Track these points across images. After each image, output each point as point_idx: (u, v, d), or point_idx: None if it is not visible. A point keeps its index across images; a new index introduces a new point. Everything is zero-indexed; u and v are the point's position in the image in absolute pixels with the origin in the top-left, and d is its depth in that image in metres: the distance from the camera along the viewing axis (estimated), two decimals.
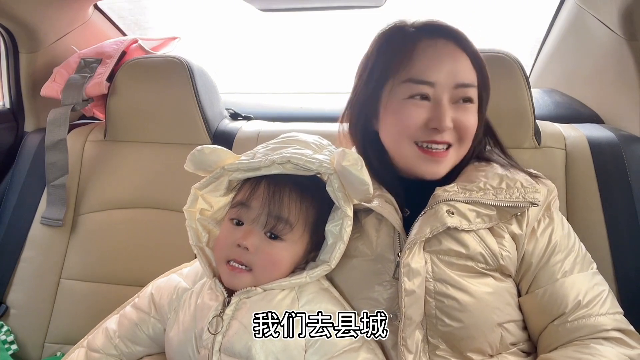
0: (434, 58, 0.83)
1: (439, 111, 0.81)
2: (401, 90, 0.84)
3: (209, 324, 0.76)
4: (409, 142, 0.83)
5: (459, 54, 0.83)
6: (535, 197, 0.80)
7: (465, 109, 0.83)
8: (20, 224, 1.34)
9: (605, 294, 0.81)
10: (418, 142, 0.83)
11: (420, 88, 0.82)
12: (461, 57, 0.83)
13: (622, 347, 0.76)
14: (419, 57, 0.83)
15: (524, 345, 0.82)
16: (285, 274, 0.80)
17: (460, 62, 0.83)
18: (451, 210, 0.79)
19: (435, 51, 0.83)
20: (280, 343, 0.74)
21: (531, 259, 0.81)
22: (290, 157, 0.76)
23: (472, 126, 0.84)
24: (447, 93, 0.82)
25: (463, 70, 0.83)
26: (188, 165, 0.82)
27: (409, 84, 0.83)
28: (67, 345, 1.23)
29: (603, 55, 1.33)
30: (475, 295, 0.77)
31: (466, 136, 0.84)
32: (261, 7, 1.41)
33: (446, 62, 0.82)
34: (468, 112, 0.84)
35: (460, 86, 0.82)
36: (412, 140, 0.83)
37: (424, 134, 0.82)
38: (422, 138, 0.82)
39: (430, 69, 0.82)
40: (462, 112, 0.83)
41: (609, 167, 1.12)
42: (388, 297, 0.79)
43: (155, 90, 1.35)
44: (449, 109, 0.81)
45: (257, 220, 0.78)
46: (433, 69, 0.82)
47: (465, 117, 0.83)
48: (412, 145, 0.83)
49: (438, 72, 0.82)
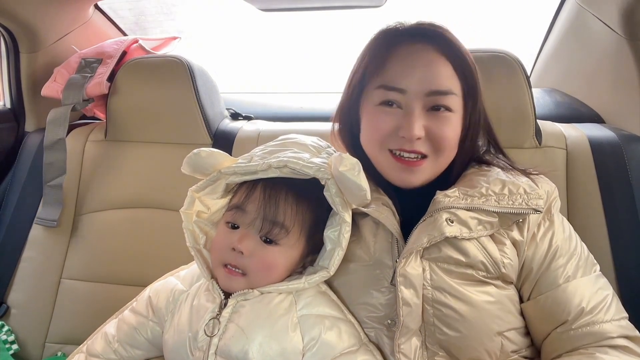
0: (408, 64, 0.80)
1: (407, 119, 0.79)
2: (374, 96, 0.83)
3: (205, 325, 0.76)
4: (382, 149, 0.82)
5: (436, 60, 0.80)
6: (539, 203, 0.78)
7: (439, 118, 0.80)
8: (21, 224, 1.34)
9: (609, 298, 0.79)
10: (391, 149, 0.81)
11: (390, 95, 0.81)
12: (439, 63, 0.80)
13: (628, 355, 0.74)
14: (393, 63, 0.81)
15: (526, 352, 0.81)
16: (280, 278, 0.79)
17: (436, 68, 0.80)
18: (451, 218, 0.76)
19: (409, 56, 0.81)
20: (277, 346, 0.73)
21: (532, 265, 0.80)
22: (287, 161, 0.75)
23: (448, 136, 0.80)
24: (419, 101, 0.79)
25: (439, 76, 0.80)
26: (185, 168, 0.81)
27: (381, 90, 0.81)
28: (68, 345, 1.24)
29: (604, 54, 1.33)
30: (475, 304, 0.75)
31: (442, 146, 0.80)
32: (261, 7, 1.41)
33: (419, 69, 0.80)
34: (444, 121, 0.80)
35: (435, 94, 0.79)
36: (385, 148, 0.82)
37: (394, 142, 0.81)
38: (393, 146, 0.81)
39: (401, 76, 0.80)
40: (436, 120, 0.80)
41: (609, 166, 1.11)
42: (386, 303, 0.78)
43: (156, 90, 1.35)
44: (419, 117, 0.79)
45: (253, 224, 0.77)
46: (405, 76, 0.80)
47: (440, 127, 0.79)
48: (385, 152, 0.82)
49: (410, 79, 0.80)
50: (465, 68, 0.82)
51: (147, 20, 2.34)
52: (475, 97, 0.84)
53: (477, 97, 0.84)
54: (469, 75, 0.82)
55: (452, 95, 0.80)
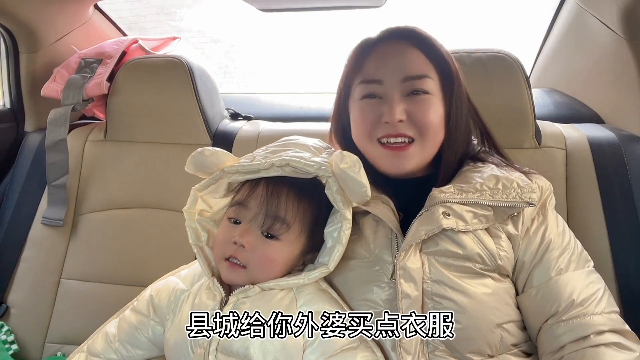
0: (381, 58, 0.87)
1: (387, 105, 0.84)
2: (357, 92, 0.89)
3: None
4: (371, 141, 0.86)
5: (407, 50, 0.87)
6: (532, 197, 0.81)
7: (418, 101, 0.85)
8: (21, 224, 1.34)
9: (600, 292, 0.80)
10: (379, 139, 0.85)
11: (370, 87, 0.87)
12: (410, 52, 0.87)
13: (622, 352, 0.73)
14: (370, 60, 0.88)
15: (525, 346, 0.82)
16: (280, 273, 0.80)
17: (409, 56, 0.86)
18: (447, 211, 0.79)
19: (382, 50, 0.88)
20: (278, 342, 0.74)
21: (525, 258, 0.82)
22: (289, 160, 0.77)
23: (430, 117, 0.84)
24: (396, 88, 0.85)
25: (411, 63, 0.86)
26: (188, 167, 0.83)
27: (362, 85, 0.88)
28: (68, 345, 1.24)
29: (603, 55, 1.33)
30: (473, 296, 0.77)
31: (426, 128, 0.84)
32: (261, 7, 1.41)
33: (392, 59, 0.86)
34: (423, 104, 0.85)
35: (410, 79, 0.85)
36: (373, 138, 0.86)
37: (380, 130, 0.85)
38: (380, 134, 0.85)
39: (377, 68, 0.87)
40: (415, 103, 0.84)
41: (609, 167, 1.12)
42: (386, 298, 0.79)
43: (156, 91, 1.35)
44: (399, 102, 0.84)
45: (255, 219, 0.78)
46: (380, 68, 0.87)
47: (420, 109, 0.84)
48: (375, 143, 0.86)
49: (384, 69, 0.86)
50: (437, 54, 0.88)
51: (147, 20, 2.34)
52: (452, 81, 0.88)
53: (455, 81, 0.88)
54: (442, 61, 0.88)
55: (426, 78, 0.86)
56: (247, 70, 2.42)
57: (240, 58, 2.45)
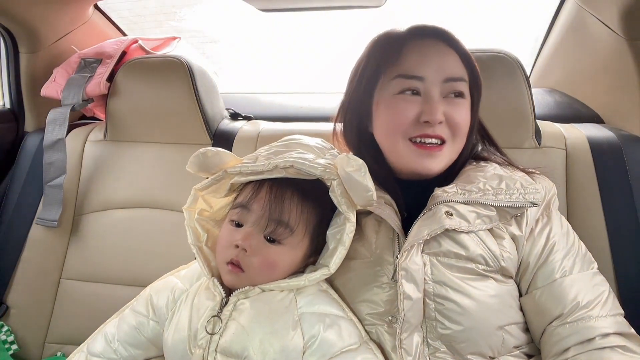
0: (422, 54, 0.85)
1: (429, 104, 0.82)
2: (392, 86, 0.85)
3: (206, 323, 0.76)
4: (402, 139, 0.84)
5: (447, 51, 0.86)
6: (536, 197, 0.80)
7: (456, 104, 0.84)
8: (21, 224, 1.34)
9: (605, 294, 0.79)
10: (412, 137, 0.84)
11: (410, 83, 0.84)
12: (449, 53, 0.86)
13: (627, 355, 0.73)
14: (408, 54, 0.85)
15: (527, 348, 0.81)
16: (282, 277, 0.79)
17: (448, 57, 0.85)
18: (450, 211, 0.78)
19: (423, 48, 0.86)
20: (278, 344, 0.74)
21: (529, 259, 0.81)
22: (293, 161, 0.76)
23: (464, 121, 0.85)
24: (437, 87, 0.83)
25: (452, 65, 0.85)
26: (191, 167, 0.82)
27: (399, 79, 0.85)
28: (68, 345, 1.24)
29: (603, 55, 1.33)
30: (476, 298, 0.76)
31: (458, 131, 0.84)
32: (261, 7, 1.41)
33: (434, 58, 0.84)
34: (459, 107, 0.85)
35: (450, 80, 0.84)
36: (406, 137, 0.84)
37: (416, 129, 0.83)
38: (415, 133, 0.83)
39: (419, 65, 0.84)
40: (453, 106, 0.84)
41: (609, 167, 1.11)
42: (387, 299, 0.78)
43: (156, 90, 1.35)
44: (439, 102, 0.83)
45: (258, 223, 0.77)
46: (422, 64, 0.84)
47: (457, 112, 0.84)
48: (406, 141, 0.84)
49: (427, 67, 0.84)
50: (469, 60, 0.87)
51: (147, 20, 2.34)
52: (479, 87, 0.88)
53: (481, 88, 0.89)
54: (473, 67, 0.87)
55: (464, 82, 0.86)
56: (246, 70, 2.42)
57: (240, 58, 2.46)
